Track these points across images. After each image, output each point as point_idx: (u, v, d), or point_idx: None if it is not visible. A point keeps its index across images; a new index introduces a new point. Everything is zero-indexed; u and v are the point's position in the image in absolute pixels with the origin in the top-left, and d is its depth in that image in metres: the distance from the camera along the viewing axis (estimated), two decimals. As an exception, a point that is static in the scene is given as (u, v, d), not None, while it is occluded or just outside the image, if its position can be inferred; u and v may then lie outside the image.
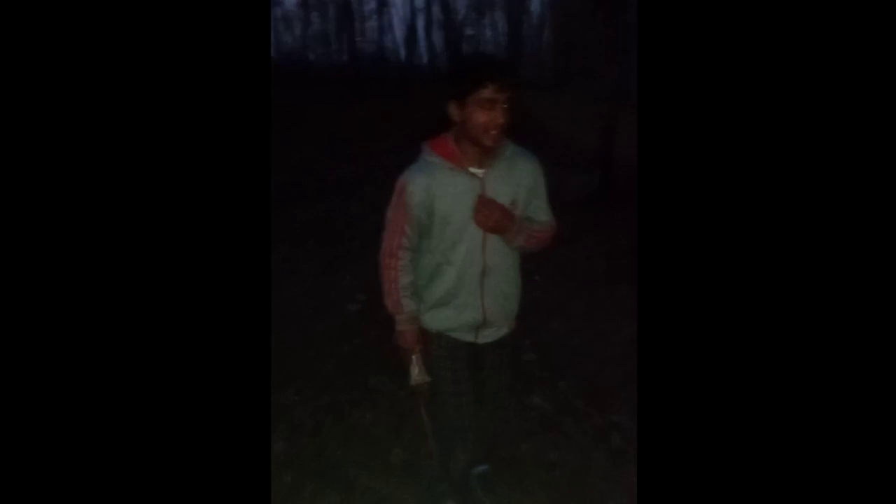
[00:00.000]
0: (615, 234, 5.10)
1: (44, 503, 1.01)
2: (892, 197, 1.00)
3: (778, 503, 1.04)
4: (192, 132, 1.08)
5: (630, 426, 2.64)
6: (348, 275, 4.48)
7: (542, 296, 3.99)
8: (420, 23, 19.39)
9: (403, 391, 2.77)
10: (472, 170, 1.78)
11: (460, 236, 1.81)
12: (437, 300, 1.89)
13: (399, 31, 20.97)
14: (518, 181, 1.83)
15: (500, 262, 1.87)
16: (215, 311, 1.09)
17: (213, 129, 1.10)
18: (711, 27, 1.08)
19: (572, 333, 3.59)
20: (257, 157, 1.15)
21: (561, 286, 4.20)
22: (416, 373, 1.94)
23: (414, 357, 1.93)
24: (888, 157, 1.00)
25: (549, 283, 4.18)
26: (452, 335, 1.93)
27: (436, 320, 1.91)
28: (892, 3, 1.01)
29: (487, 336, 1.95)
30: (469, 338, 1.94)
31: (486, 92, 1.66)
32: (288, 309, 3.83)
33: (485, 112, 1.68)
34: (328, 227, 5.58)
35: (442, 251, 1.83)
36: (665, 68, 1.11)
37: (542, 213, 1.91)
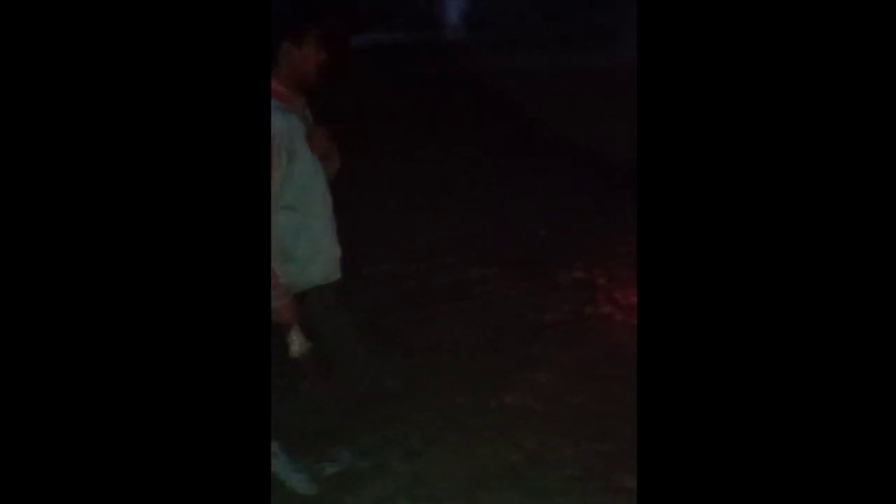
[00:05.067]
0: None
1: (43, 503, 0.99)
2: (889, 190, 0.99)
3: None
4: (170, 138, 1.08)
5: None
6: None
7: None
8: None
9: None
10: (305, 112, 1.84)
11: (312, 179, 1.83)
12: (309, 256, 1.87)
13: None
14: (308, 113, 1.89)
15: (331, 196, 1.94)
16: (214, 310, 1.08)
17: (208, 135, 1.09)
18: (712, 22, 1.07)
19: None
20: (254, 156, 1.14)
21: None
22: (299, 344, 1.86)
23: (293, 328, 1.85)
24: (886, 147, 0.99)
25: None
26: (328, 283, 1.95)
27: (314, 276, 1.90)
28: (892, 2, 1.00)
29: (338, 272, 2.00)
30: (336, 276, 1.97)
31: (321, 30, 1.72)
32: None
33: (321, 51, 1.73)
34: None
35: (300, 200, 1.82)
36: (666, 67, 1.10)
37: None
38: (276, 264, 1.75)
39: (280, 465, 2.09)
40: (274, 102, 1.74)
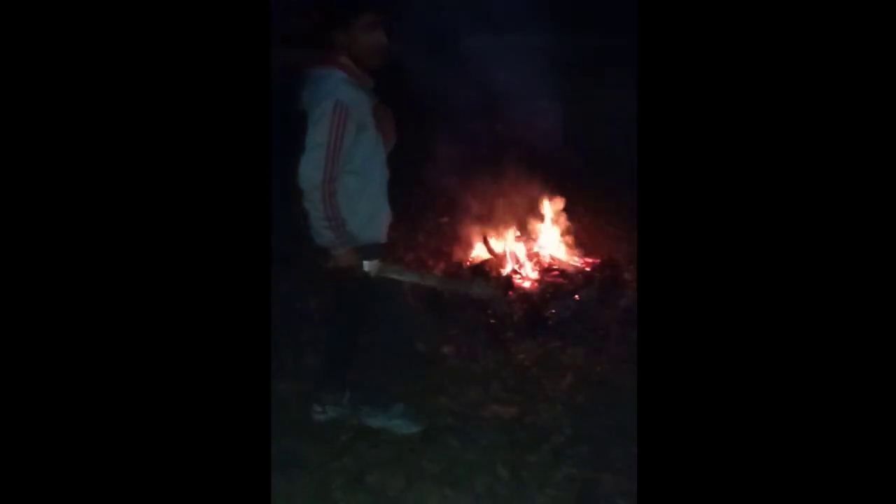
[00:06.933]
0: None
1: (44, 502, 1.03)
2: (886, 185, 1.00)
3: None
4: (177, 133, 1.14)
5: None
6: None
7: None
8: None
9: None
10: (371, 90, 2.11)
11: (374, 149, 2.11)
12: (368, 216, 2.16)
13: None
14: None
15: None
16: (215, 308, 1.13)
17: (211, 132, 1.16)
18: (711, 28, 1.09)
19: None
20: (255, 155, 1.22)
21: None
22: (376, 267, 2.19)
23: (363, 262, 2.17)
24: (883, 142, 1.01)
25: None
26: (379, 243, 2.24)
27: (371, 234, 2.18)
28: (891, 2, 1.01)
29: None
30: (384, 239, 2.27)
31: (368, 17, 1.99)
32: None
33: (370, 35, 2.01)
34: None
35: (363, 166, 2.08)
36: (666, 72, 1.12)
37: None
38: (343, 217, 2.05)
39: (369, 416, 2.47)
40: (343, 76, 2.02)
